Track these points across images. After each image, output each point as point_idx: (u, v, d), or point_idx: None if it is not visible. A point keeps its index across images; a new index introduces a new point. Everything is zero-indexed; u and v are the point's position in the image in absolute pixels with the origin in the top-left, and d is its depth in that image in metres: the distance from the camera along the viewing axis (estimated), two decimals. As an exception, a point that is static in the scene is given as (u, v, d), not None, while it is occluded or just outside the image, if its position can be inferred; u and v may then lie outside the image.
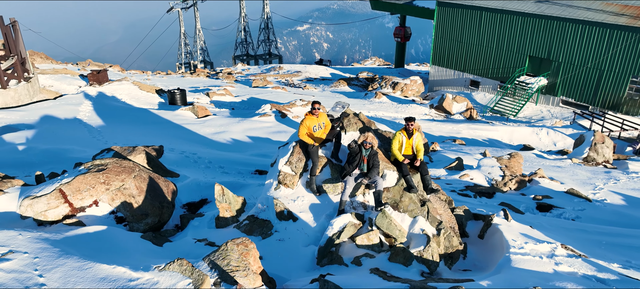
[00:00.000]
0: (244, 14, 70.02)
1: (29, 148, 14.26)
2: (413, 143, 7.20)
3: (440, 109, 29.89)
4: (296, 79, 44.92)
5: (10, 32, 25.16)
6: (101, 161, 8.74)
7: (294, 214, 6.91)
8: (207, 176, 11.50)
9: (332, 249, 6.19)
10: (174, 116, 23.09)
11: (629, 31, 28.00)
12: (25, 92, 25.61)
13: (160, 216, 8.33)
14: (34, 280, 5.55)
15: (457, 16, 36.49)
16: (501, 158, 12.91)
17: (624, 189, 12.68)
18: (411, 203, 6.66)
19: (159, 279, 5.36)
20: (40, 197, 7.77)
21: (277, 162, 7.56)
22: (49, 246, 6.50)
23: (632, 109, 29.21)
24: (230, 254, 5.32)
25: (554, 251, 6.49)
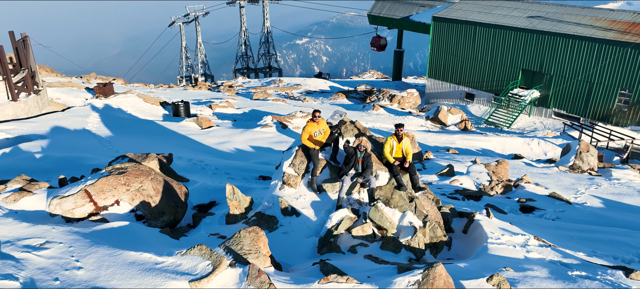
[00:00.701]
0: (244, 29, 71.29)
1: (45, 156, 15.14)
2: (402, 147, 8.08)
3: (435, 121, 30.82)
4: (296, 92, 45.93)
5: (22, 47, 26.14)
6: (121, 165, 9.61)
7: (297, 210, 7.77)
8: (214, 181, 12.36)
9: (331, 240, 7.04)
10: (179, 127, 23.99)
11: (617, 45, 29.06)
12: (35, 105, 26.48)
13: (175, 214, 9.18)
14: (72, 264, 6.41)
15: (452, 31, 37.60)
16: (489, 165, 13.79)
17: (604, 193, 13.54)
18: (401, 200, 7.53)
19: (182, 262, 6.21)
20: (68, 197, 8.62)
21: (282, 165, 8.44)
22: (80, 238, 7.37)
23: (622, 121, 30.16)
24: (243, 240, 6.17)
25: (527, 242, 7.35)
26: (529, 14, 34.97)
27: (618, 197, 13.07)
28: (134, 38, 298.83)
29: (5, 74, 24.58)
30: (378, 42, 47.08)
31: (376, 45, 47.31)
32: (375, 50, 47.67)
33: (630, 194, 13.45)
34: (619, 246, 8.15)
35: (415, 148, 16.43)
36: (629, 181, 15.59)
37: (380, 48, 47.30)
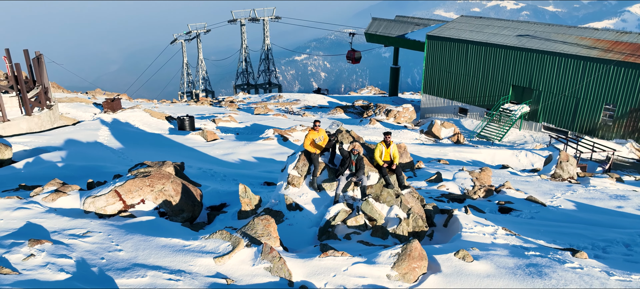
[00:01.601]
0: (245, 46, 73.03)
1: (66, 165, 16.43)
2: (390, 151, 9.41)
3: (429, 134, 32.22)
4: (295, 107, 47.38)
5: (36, 64, 27.57)
6: (145, 169, 10.92)
7: (300, 205, 9.08)
8: (224, 186, 13.66)
9: (329, 229, 8.34)
10: (185, 139, 25.32)
11: (601, 63, 30.61)
12: (48, 119, 27.78)
13: (193, 212, 10.46)
14: (113, 247, 7.72)
15: (446, 49, 39.19)
16: (473, 172, 15.10)
17: (579, 198, 14.86)
18: (388, 196, 8.83)
19: (206, 244, 7.50)
20: (100, 196, 9.92)
21: (287, 168, 9.77)
22: (116, 228, 8.69)
23: (607, 134, 31.59)
24: (257, 226, 7.46)
25: (496, 231, 8.66)
26: (519, 32, 36.60)
27: (590, 201, 14.38)
28: (134, 54, 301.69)
29: (21, 90, 25.94)
30: (353, 55, 49.35)
31: (351, 58, 49.52)
32: (350, 63, 49.86)
33: (602, 199, 14.77)
34: (578, 237, 9.46)
35: (406, 158, 17.76)
36: (604, 188, 16.92)
37: (354, 61, 49.45)
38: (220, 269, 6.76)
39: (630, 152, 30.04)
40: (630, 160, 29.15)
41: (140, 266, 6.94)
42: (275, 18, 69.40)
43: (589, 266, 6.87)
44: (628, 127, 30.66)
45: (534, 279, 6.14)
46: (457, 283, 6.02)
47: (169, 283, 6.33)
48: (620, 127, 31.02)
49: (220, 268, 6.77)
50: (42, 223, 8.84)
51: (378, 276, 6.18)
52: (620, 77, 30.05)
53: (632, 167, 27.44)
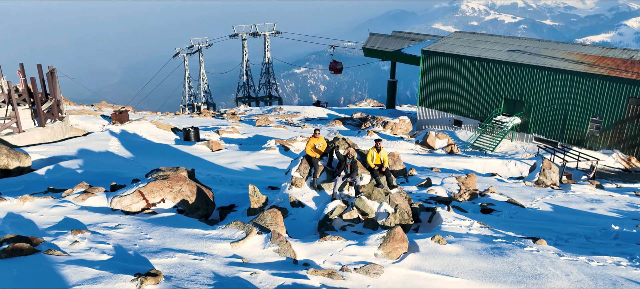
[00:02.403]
0: (246, 60, 74.71)
1: (85, 172, 17.77)
2: (381, 156, 10.78)
3: (424, 145, 33.60)
4: (295, 119, 48.82)
5: (50, 78, 29.01)
6: (164, 173, 12.27)
7: (302, 203, 10.42)
8: (232, 190, 15.00)
9: (328, 222, 9.67)
10: (191, 149, 26.69)
11: (587, 77, 32.11)
12: (60, 130, 29.14)
13: (207, 210, 11.79)
14: (143, 236, 9.06)
15: (441, 63, 40.74)
16: (459, 177, 16.42)
17: (556, 201, 16.19)
18: (379, 194, 10.18)
19: (223, 233, 8.83)
20: (126, 196, 11.26)
21: (290, 171, 11.13)
22: (143, 222, 10.03)
23: (594, 145, 33.00)
24: (266, 217, 8.80)
25: (471, 225, 10.00)
26: (510, 48, 38.17)
27: (566, 204, 15.72)
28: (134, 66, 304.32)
29: (36, 103, 27.35)
30: (335, 66, 52.31)
31: (333, 69, 52.58)
32: (333, 73, 52.59)
33: (578, 202, 16.10)
34: (545, 231, 10.79)
35: (400, 165, 19.12)
36: (583, 193, 18.27)
37: (337, 71, 52.66)
38: (236, 251, 8.08)
39: (616, 162, 31.41)
40: (615, 169, 30.51)
41: (169, 250, 8.27)
42: (275, 33, 71.18)
43: (545, 250, 8.22)
44: (614, 138, 32.07)
45: (495, 258, 7.49)
46: (431, 259, 7.36)
47: (194, 262, 7.66)
48: (606, 138, 32.43)
49: (236, 250, 8.10)
50: (78, 218, 10.18)
51: (367, 255, 7.52)
52: (605, 90, 31.53)
53: (617, 176, 28.79)
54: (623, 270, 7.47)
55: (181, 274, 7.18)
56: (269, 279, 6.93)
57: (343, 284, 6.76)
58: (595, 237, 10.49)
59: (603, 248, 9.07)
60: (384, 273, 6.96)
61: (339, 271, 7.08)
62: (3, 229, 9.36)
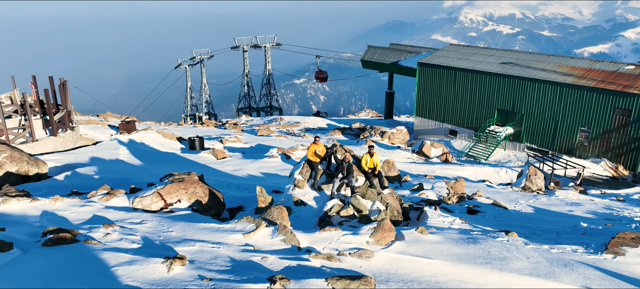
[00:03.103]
0: (247, 71, 76.27)
1: (101, 177, 19.08)
2: (373, 160, 12.11)
3: (420, 154, 34.93)
4: (296, 129, 50.20)
5: (62, 90, 30.39)
6: (179, 176, 13.58)
7: (304, 202, 11.74)
8: (239, 193, 16.30)
9: (327, 218, 10.98)
10: (198, 157, 28.01)
11: (575, 88, 33.55)
12: (71, 139, 30.46)
13: (218, 209, 13.09)
14: (165, 230, 10.35)
15: (436, 75, 42.21)
16: (449, 182, 17.73)
17: (539, 204, 17.49)
18: (372, 194, 11.50)
19: (235, 226, 10.13)
20: (146, 196, 12.57)
21: (293, 174, 12.46)
22: (164, 218, 11.33)
23: (583, 153, 34.34)
24: (273, 213, 10.11)
25: (453, 221, 11.30)
26: (502, 60, 39.66)
27: (547, 206, 17.02)
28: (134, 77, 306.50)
29: (49, 114, 28.70)
30: (319, 75, 54.68)
31: (318, 77, 54.93)
32: (319, 81, 55.02)
33: (558, 205, 17.40)
34: (520, 227, 12.09)
35: (394, 172, 20.43)
36: (565, 198, 19.58)
37: (322, 80, 55.51)
38: (247, 241, 9.39)
39: (604, 170, 32.75)
40: (603, 177, 31.86)
41: (189, 240, 9.57)
42: (276, 45, 72.82)
43: (514, 240, 9.53)
44: (602, 147, 33.42)
45: (469, 245, 8.80)
46: (414, 246, 8.67)
47: (213, 249, 8.95)
48: (595, 147, 33.79)
49: (248, 240, 9.40)
50: (105, 215, 11.50)
51: (360, 242, 8.83)
52: (593, 101, 32.94)
53: (604, 184, 30.11)
54: (578, 255, 8.79)
55: (202, 258, 8.48)
56: (277, 262, 8.23)
57: (339, 266, 8.06)
58: (565, 232, 11.79)
59: (567, 240, 10.39)
60: (374, 257, 8.27)
61: (336, 255, 8.39)
62: (42, 223, 10.68)
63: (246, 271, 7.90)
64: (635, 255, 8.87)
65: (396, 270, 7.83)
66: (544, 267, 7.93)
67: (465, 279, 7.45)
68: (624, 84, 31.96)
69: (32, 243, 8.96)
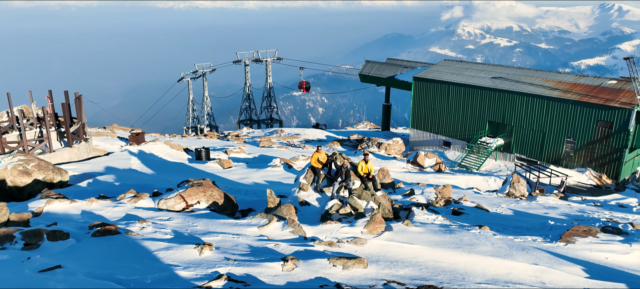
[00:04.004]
0: (248, 84, 78.33)
1: (122, 184, 20.90)
2: (368, 166, 13.98)
3: (415, 164, 36.81)
4: (296, 141, 52.09)
5: (77, 104, 32.28)
6: (197, 181, 15.43)
7: (308, 202, 13.59)
8: (248, 197, 18.14)
9: (327, 216, 12.81)
10: (205, 167, 29.83)
11: (561, 102, 35.54)
12: (85, 150, 32.26)
13: (232, 210, 14.92)
14: (191, 224, 12.17)
15: (430, 89, 44.22)
16: (437, 188, 19.56)
17: (519, 208, 19.32)
18: (367, 195, 13.35)
19: (251, 221, 11.96)
20: (170, 198, 14.40)
21: (299, 178, 14.32)
22: (188, 216, 13.16)
23: (570, 163, 36.23)
24: (282, 210, 11.94)
25: (436, 218, 13.15)
26: (493, 75, 41.70)
27: (526, 210, 18.86)
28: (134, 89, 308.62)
29: (65, 126, 30.57)
30: (303, 85, 58.83)
31: (301, 88, 58.27)
32: (302, 92, 58.31)
33: (536, 208, 19.24)
34: (495, 225, 13.92)
35: (389, 179, 22.28)
36: (545, 202, 21.43)
37: (305, 90, 59.43)
38: (262, 233, 11.22)
39: (588, 179, 34.62)
40: (588, 185, 33.72)
41: (213, 232, 11.40)
42: (277, 59, 74.95)
43: (485, 232, 11.39)
44: (586, 158, 35.33)
45: (445, 235, 10.64)
46: (400, 235, 10.52)
47: (233, 238, 10.78)
48: (580, 158, 35.69)
49: (262, 232, 11.23)
50: (136, 213, 13.32)
51: (355, 232, 10.67)
52: (577, 114, 34.92)
53: (588, 192, 31.96)
54: (535, 243, 10.64)
55: (226, 245, 10.31)
56: (287, 248, 10.07)
57: (339, 250, 9.90)
58: (534, 228, 13.64)
59: (533, 234, 12.24)
60: (367, 243, 10.11)
61: (336, 242, 10.23)
62: (85, 220, 12.50)
63: (262, 254, 9.74)
64: (583, 243, 10.74)
65: (385, 253, 9.67)
66: (504, 250, 9.78)
67: (439, 259, 9.29)
68: (606, 97, 33.95)
69: (82, 234, 10.78)
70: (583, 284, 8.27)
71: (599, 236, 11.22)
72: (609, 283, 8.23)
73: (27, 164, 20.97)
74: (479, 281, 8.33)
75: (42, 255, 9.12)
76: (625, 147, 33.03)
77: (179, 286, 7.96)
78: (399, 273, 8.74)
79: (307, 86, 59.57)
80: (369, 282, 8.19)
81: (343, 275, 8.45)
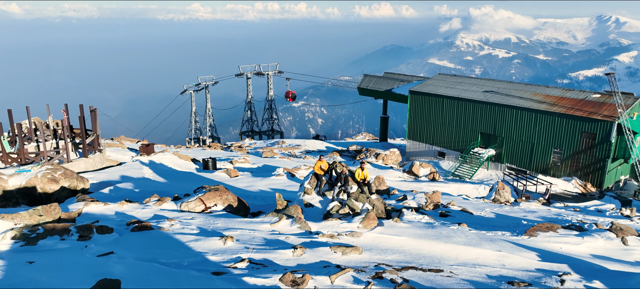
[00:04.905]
0: (250, 96, 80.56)
1: (141, 191, 22.93)
2: (364, 173, 16.05)
3: (410, 173, 38.86)
4: (297, 151, 54.17)
5: (93, 117, 34.38)
6: (214, 187, 17.48)
7: (312, 204, 15.64)
8: (256, 202, 20.19)
9: (329, 215, 14.85)
10: (213, 176, 31.86)
11: (548, 115, 37.69)
12: (99, 160, 34.27)
13: (245, 212, 16.94)
14: (211, 223, 14.21)
15: (425, 102, 46.40)
16: (427, 193, 21.60)
17: (501, 211, 21.36)
18: (363, 198, 15.40)
19: (263, 219, 14.00)
20: (191, 201, 16.45)
21: (303, 183, 16.38)
22: (208, 216, 15.20)
23: (557, 173, 38.31)
24: (291, 210, 13.98)
25: (422, 217, 15.21)
26: (485, 89, 43.91)
27: (507, 213, 20.88)
28: (133, 101, 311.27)
29: (82, 138, 32.61)
30: (289, 95, 63.37)
31: (287, 97, 61.72)
32: (289, 100, 62.16)
33: (517, 212, 21.27)
34: (475, 224, 15.98)
35: (384, 186, 24.33)
36: (526, 207, 23.46)
37: (291, 99, 64.50)
38: (273, 228, 13.25)
39: (574, 187, 36.66)
40: (573, 193, 35.75)
41: (231, 228, 13.43)
42: (278, 72, 77.27)
43: (462, 228, 13.44)
44: (572, 167, 37.41)
45: (428, 229, 12.70)
46: (390, 229, 12.56)
47: (250, 233, 12.81)
48: (566, 167, 37.78)
49: (274, 228, 13.27)
50: (163, 214, 15.36)
51: (352, 227, 12.72)
52: (563, 126, 37.07)
53: (573, 199, 33.98)
54: (503, 237, 12.70)
55: (244, 238, 12.34)
56: (296, 239, 12.10)
57: (339, 241, 11.94)
58: (508, 227, 15.68)
59: (503, 230, 14.28)
60: (362, 236, 12.16)
61: (336, 235, 12.27)
62: (120, 219, 14.52)
63: (276, 244, 11.78)
64: (543, 237, 12.79)
65: (376, 243, 11.72)
66: (475, 241, 11.83)
67: (421, 248, 11.34)
68: (590, 110, 36.12)
69: (123, 229, 12.82)
70: (534, 266, 10.32)
71: (558, 231, 13.28)
72: (554, 264, 10.29)
73: (54, 172, 23.02)
74: (451, 264, 10.37)
75: (95, 244, 11.16)
76: (608, 157, 35.13)
77: (211, 267, 9.99)
78: (388, 258, 10.78)
79: (293, 96, 63.57)
80: (363, 264, 10.22)
81: (342, 259, 10.49)
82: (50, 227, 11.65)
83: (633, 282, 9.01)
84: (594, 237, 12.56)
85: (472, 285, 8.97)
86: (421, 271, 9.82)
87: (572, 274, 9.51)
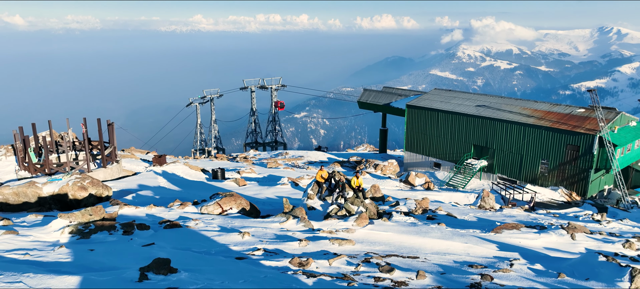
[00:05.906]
0: (254, 109, 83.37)
1: (161, 197, 25.52)
2: (359, 181, 18.61)
3: (406, 183, 41.39)
4: (300, 162, 56.77)
5: (111, 131, 37.07)
6: (229, 193, 20.06)
7: (314, 207, 18.21)
8: (265, 206, 22.76)
9: (329, 216, 17.41)
10: (223, 184, 34.45)
11: (536, 128, 40.26)
12: (116, 170, 36.88)
13: (256, 214, 19.49)
14: (229, 222, 16.82)
15: (422, 115, 49.04)
16: (417, 199, 24.16)
17: (484, 216, 23.83)
18: (357, 202, 17.95)
19: (273, 219, 16.57)
20: (209, 205, 19.03)
21: (307, 190, 18.96)
22: (226, 218, 17.80)
23: (545, 182, 40.78)
24: (296, 211, 16.54)
25: (409, 218, 17.75)
26: (477, 103, 46.55)
27: (489, 218, 23.34)
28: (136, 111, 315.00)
29: (101, 150, 35.26)
30: (278, 104, 71.29)
31: (277, 106, 71.13)
32: (278, 109, 69.26)
33: (497, 217, 23.70)
34: (454, 225, 18.49)
35: (379, 194, 26.87)
36: (508, 213, 25.93)
37: (281, 108, 72.58)
38: (282, 226, 15.81)
39: (561, 196, 39.13)
40: (559, 202, 38.20)
41: (247, 226, 15.98)
42: (281, 86, 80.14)
43: (440, 226, 15.99)
44: (559, 177, 39.90)
45: (410, 227, 15.25)
46: (379, 227, 15.12)
47: (262, 230, 15.36)
48: (553, 177, 40.26)
49: (282, 226, 15.83)
50: (187, 215, 17.94)
51: (348, 225, 15.29)
52: (550, 139, 39.61)
53: (559, 207, 36.43)
54: (474, 234, 15.23)
55: (257, 234, 14.90)
56: (301, 235, 14.65)
57: (336, 235, 14.50)
58: (482, 227, 18.19)
59: (475, 228, 16.80)
60: (355, 232, 14.72)
61: (334, 231, 14.83)
62: (152, 219, 17.08)
63: (284, 238, 14.33)
64: (507, 233, 15.33)
65: (367, 237, 14.28)
66: (447, 236, 14.38)
67: (404, 241, 13.89)
68: (574, 124, 38.68)
69: (157, 227, 15.39)
70: (493, 254, 12.85)
71: (521, 229, 15.80)
72: (509, 253, 12.83)
73: (82, 180, 25.63)
74: (426, 253, 12.91)
75: (138, 238, 13.71)
76: (591, 168, 37.62)
77: (234, 254, 12.55)
78: (376, 248, 13.33)
79: (281, 105, 68.44)
80: (355, 252, 12.77)
81: (338, 249, 13.04)
82: (100, 224, 14.24)
83: (566, 264, 11.54)
84: (549, 234, 15.09)
85: (441, 268, 11.50)
86: (402, 257, 12.36)
87: (521, 260, 12.04)
